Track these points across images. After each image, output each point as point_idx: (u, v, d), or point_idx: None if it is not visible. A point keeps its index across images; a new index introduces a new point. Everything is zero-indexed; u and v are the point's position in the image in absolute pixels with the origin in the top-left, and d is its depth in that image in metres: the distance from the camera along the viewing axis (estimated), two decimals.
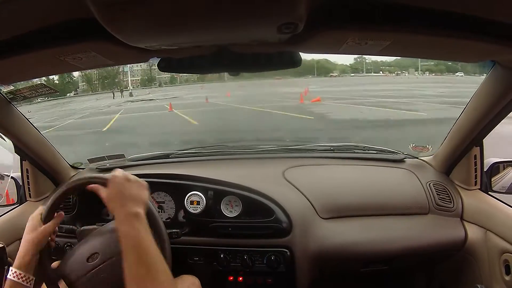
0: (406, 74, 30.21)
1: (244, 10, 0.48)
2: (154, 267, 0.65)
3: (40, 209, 0.85)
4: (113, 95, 22.53)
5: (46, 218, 0.82)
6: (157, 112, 11.81)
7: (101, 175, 0.83)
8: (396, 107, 9.32)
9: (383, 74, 32.63)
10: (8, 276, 0.74)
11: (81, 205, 1.28)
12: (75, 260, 0.81)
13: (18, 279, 0.73)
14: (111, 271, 0.77)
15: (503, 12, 0.54)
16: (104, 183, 0.79)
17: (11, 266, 0.76)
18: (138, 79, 31.92)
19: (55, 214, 0.83)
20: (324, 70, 34.45)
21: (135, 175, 1.28)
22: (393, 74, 32.18)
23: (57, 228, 0.85)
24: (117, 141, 6.76)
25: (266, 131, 6.88)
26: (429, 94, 12.75)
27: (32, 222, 0.81)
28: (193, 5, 0.47)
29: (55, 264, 0.83)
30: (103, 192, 0.78)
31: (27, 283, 0.74)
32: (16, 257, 0.77)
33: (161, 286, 0.64)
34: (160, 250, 0.83)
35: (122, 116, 11.51)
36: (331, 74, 34.51)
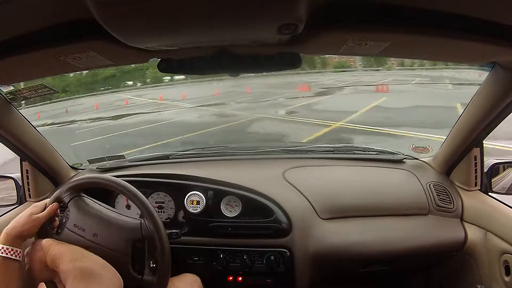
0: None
1: (244, 11, 0.48)
2: None
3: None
4: None
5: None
6: None
7: None
8: None
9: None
10: None
11: None
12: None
13: (6, 254, 0.74)
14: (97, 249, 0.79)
15: (503, 13, 0.54)
16: None
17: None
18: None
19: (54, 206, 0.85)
20: None
21: (134, 175, 1.30)
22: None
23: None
24: None
25: None
26: None
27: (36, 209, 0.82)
28: (192, 5, 0.47)
29: None
30: None
31: (15, 256, 0.75)
32: (6, 233, 0.77)
33: None
34: (159, 250, 0.84)
35: None
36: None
